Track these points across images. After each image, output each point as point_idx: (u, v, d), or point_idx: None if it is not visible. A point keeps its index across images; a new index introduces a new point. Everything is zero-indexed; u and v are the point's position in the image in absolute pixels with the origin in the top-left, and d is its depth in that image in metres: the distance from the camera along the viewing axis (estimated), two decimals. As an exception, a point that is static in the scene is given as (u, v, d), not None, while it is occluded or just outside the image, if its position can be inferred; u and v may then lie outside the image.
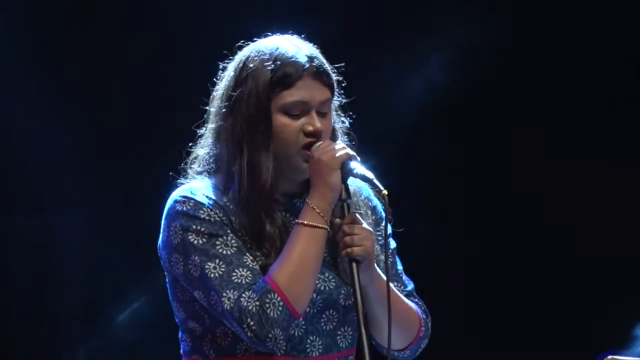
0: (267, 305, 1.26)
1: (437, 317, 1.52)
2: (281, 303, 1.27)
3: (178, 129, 1.86)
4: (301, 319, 1.33)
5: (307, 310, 1.34)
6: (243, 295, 1.27)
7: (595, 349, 2.00)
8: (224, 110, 1.38)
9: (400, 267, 1.49)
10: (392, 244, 1.48)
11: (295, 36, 1.43)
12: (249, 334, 1.26)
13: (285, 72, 1.35)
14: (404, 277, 1.49)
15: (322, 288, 1.36)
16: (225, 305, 1.27)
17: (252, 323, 1.26)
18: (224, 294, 1.27)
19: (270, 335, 1.26)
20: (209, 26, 3.11)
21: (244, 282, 1.29)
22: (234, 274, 1.29)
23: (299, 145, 1.35)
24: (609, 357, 1.61)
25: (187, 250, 1.31)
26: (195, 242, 1.31)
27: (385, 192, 1.31)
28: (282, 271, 1.29)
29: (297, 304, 1.29)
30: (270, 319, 1.26)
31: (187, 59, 3.13)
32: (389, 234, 1.45)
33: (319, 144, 1.35)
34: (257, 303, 1.27)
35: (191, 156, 1.43)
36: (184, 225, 1.32)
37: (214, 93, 1.42)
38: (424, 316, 1.46)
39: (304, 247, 1.31)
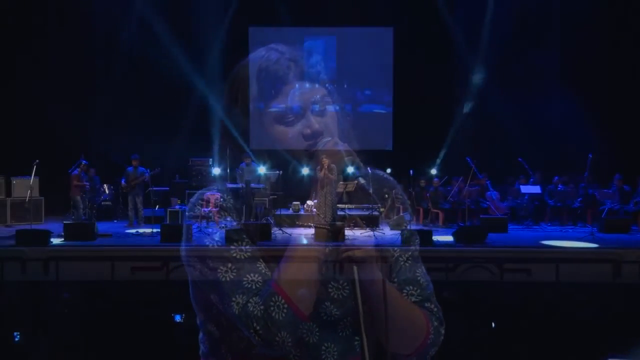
0: (272, 308, 1.26)
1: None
2: (285, 305, 1.27)
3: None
4: (315, 326, 1.33)
5: (323, 318, 1.35)
6: (250, 300, 1.28)
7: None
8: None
9: (418, 270, 1.44)
10: (413, 247, 1.46)
11: (280, 44, 1.40)
12: (256, 337, 1.27)
13: (270, 81, 1.35)
14: (422, 280, 1.44)
15: (336, 296, 1.36)
16: (235, 310, 1.29)
17: (258, 327, 1.26)
18: (234, 299, 1.29)
19: (277, 339, 1.26)
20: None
21: (253, 287, 1.29)
22: (245, 279, 1.30)
23: (302, 148, 1.37)
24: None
25: (203, 254, 1.34)
26: (211, 245, 1.34)
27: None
28: (285, 274, 1.29)
29: (302, 305, 1.28)
30: (276, 322, 1.26)
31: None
32: (412, 236, 1.45)
33: (325, 140, 1.35)
34: (262, 307, 1.26)
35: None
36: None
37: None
38: (436, 323, 1.41)
39: (305, 248, 1.30)
